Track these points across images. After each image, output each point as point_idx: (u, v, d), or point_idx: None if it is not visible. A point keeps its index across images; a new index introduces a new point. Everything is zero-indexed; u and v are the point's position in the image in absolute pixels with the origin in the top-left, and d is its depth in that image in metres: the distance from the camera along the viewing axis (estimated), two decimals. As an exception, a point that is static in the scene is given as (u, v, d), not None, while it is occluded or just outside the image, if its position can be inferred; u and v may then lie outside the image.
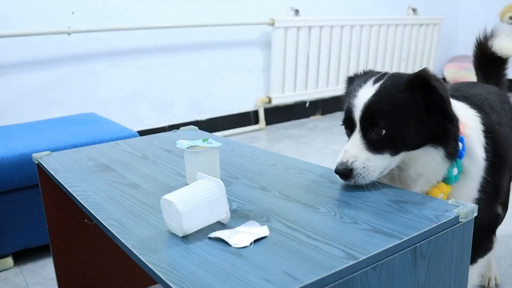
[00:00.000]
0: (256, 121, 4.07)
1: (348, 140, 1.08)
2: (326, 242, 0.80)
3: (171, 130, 1.76)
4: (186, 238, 0.84)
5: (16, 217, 1.88)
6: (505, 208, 1.53)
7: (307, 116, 4.41)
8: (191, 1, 3.56)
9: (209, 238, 0.84)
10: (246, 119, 4.03)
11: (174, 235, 0.86)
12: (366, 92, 1.05)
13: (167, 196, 0.85)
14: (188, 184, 1.05)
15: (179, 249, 0.81)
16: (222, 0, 3.69)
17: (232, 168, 1.26)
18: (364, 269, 0.73)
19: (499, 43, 1.54)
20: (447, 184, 1.11)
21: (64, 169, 1.32)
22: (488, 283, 1.60)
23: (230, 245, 0.80)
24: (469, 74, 4.70)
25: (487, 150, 1.16)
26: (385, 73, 1.10)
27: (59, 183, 1.24)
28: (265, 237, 0.83)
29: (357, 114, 1.05)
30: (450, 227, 0.86)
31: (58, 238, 1.52)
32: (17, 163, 1.84)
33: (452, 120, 1.04)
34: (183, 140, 1.16)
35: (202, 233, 0.86)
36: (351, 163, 1.03)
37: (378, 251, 0.75)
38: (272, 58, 3.91)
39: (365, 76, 1.13)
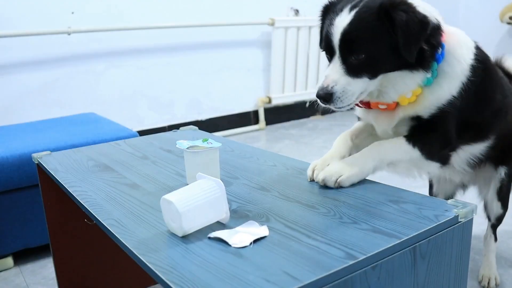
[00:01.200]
0: (256, 121, 4.07)
1: (329, 65, 1.12)
2: (325, 242, 0.80)
3: (171, 130, 1.76)
4: (186, 238, 0.85)
5: (16, 217, 1.88)
6: (504, 206, 1.53)
7: (307, 116, 4.40)
8: (191, 1, 3.56)
9: (209, 238, 0.84)
10: (246, 119, 4.03)
11: (174, 235, 0.86)
12: (343, 20, 1.08)
13: (167, 196, 0.85)
14: (188, 184, 1.05)
15: (179, 249, 0.81)
16: (222, 0, 3.69)
17: (232, 168, 1.26)
18: (363, 269, 0.73)
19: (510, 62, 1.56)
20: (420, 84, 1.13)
21: (64, 169, 1.32)
22: (488, 283, 1.60)
23: (230, 245, 0.80)
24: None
25: (474, 69, 1.17)
26: (361, 0, 1.11)
27: (59, 183, 1.24)
28: (265, 237, 0.83)
29: (335, 41, 1.08)
30: (450, 227, 0.86)
31: (58, 238, 1.52)
32: (17, 163, 1.85)
33: (406, 54, 1.05)
34: (183, 140, 1.16)
35: (202, 233, 0.86)
36: (331, 88, 1.08)
37: (377, 251, 0.75)
38: (272, 58, 3.91)
39: (342, 3, 1.14)
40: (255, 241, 0.81)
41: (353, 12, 1.08)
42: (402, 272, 0.80)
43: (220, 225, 0.89)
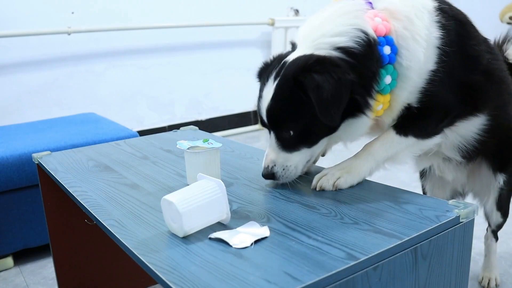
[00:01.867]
0: (256, 121, 4.06)
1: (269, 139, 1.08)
2: (326, 242, 0.80)
3: (171, 130, 1.76)
4: (186, 238, 0.84)
5: (16, 217, 1.88)
6: (505, 215, 1.48)
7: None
8: (191, 1, 3.56)
9: (210, 238, 0.84)
10: (246, 119, 4.02)
11: (174, 235, 0.86)
12: (267, 93, 1.03)
13: (168, 197, 0.85)
14: (188, 185, 1.05)
15: (179, 250, 0.80)
16: (222, 0, 3.69)
17: (233, 168, 1.26)
18: (364, 270, 0.73)
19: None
20: (383, 94, 1.04)
21: (64, 169, 1.32)
22: (489, 284, 1.60)
23: (231, 246, 0.80)
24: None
25: (445, 31, 1.05)
26: (284, 63, 1.03)
27: (59, 183, 1.23)
28: (266, 237, 0.83)
29: (264, 117, 1.05)
30: (451, 227, 0.86)
31: (58, 238, 1.52)
32: (17, 163, 1.84)
33: (322, 117, 0.97)
34: (184, 141, 1.16)
35: (202, 234, 0.86)
36: (271, 168, 1.05)
37: (378, 252, 0.75)
38: (272, 58, 3.91)
39: (271, 66, 1.08)
40: (256, 241, 0.81)
41: (275, 84, 1.01)
42: (403, 273, 0.79)
43: (220, 226, 0.89)
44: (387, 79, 1.03)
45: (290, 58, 1.04)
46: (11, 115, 2.95)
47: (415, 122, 1.10)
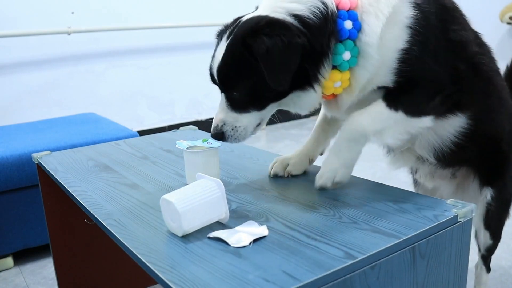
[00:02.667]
0: (256, 121, 4.06)
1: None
2: (325, 241, 0.80)
3: (171, 130, 1.76)
4: (185, 238, 0.85)
5: (16, 217, 1.88)
6: (494, 237, 1.34)
7: (307, 116, 4.40)
8: (191, 1, 3.56)
9: (209, 238, 0.84)
10: (246, 119, 4.02)
11: (173, 235, 0.86)
12: (218, 53, 1.02)
13: (167, 196, 0.85)
14: (187, 184, 1.05)
15: (179, 249, 0.81)
16: (222, 0, 3.69)
17: (232, 168, 1.26)
18: (362, 269, 0.73)
19: None
20: (341, 71, 1.00)
21: (64, 169, 1.33)
22: None
23: (230, 245, 0.81)
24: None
25: (419, 11, 1.00)
26: (238, 23, 1.03)
27: (59, 183, 1.24)
28: (264, 237, 0.83)
29: (215, 76, 1.04)
30: (449, 226, 0.86)
31: (58, 238, 1.52)
32: (17, 163, 1.85)
33: (272, 82, 0.95)
34: (183, 141, 1.16)
35: (201, 233, 0.86)
36: (220, 127, 1.05)
37: (376, 251, 0.75)
38: (272, 58, 3.91)
39: (229, 27, 1.05)
40: (255, 241, 0.82)
41: (226, 43, 1.00)
42: (401, 272, 0.80)
43: (219, 225, 0.89)
44: (346, 55, 0.99)
45: (244, 18, 1.04)
46: (11, 115, 2.96)
47: (406, 96, 1.04)
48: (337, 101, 1.08)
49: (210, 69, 1.06)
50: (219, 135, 1.05)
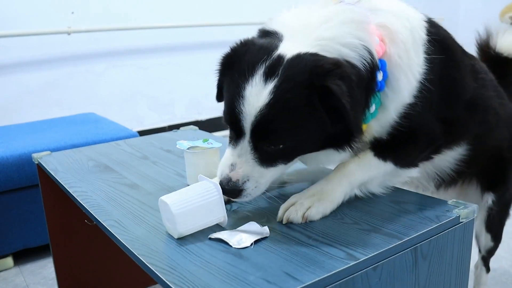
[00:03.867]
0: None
1: (233, 146, 0.88)
2: (326, 242, 0.80)
3: (171, 130, 1.76)
4: (186, 239, 0.84)
5: (16, 217, 1.88)
6: (495, 239, 1.36)
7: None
8: (191, 1, 3.56)
9: (210, 238, 0.84)
10: (246, 119, 4.02)
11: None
12: (259, 95, 0.82)
13: (164, 197, 0.85)
14: (188, 185, 1.05)
15: (179, 250, 0.80)
16: (222, 0, 3.69)
17: (232, 168, 1.25)
18: (364, 270, 0.73)
19: (503, 42, 1.33)
20: (364, 123, 0.93)
21: (64, 169, 1.32)
22: None
23: (231, 246, 0.80)
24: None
25: (430, 62, 0.95)
26: (279, 58, 0.84)
27: (59, 183, 1.23)
28: (266, 237, 0.83)
29: (247, 123, 0.84)
30: (451, 227, 0.86)
31: (58, 238, 1.52)
32: (17, 163, 1.84)
33: (356, 131, 0.86)
34: (184, 141, 1.16)
35: (202, 234, 0.85)
36: (242, 184, 0.87)
37: (378, 252, 0.75)
38: (272, 58, 3.90)
39: (249, 57, 0.87)
40: (256, 241, 0.81)
41: (271, 85, 0.81)
42: (403, 273, 0.79)
43: (220, 226, 0.89)
44: (372, 108, 0.91)
45: (287, 52, 0.85)
46: (11, 115, 2.95)
47: (396, 148, 0.98)
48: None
49: (236, 112, 0.84)
50: (237, 192, 0.88)
